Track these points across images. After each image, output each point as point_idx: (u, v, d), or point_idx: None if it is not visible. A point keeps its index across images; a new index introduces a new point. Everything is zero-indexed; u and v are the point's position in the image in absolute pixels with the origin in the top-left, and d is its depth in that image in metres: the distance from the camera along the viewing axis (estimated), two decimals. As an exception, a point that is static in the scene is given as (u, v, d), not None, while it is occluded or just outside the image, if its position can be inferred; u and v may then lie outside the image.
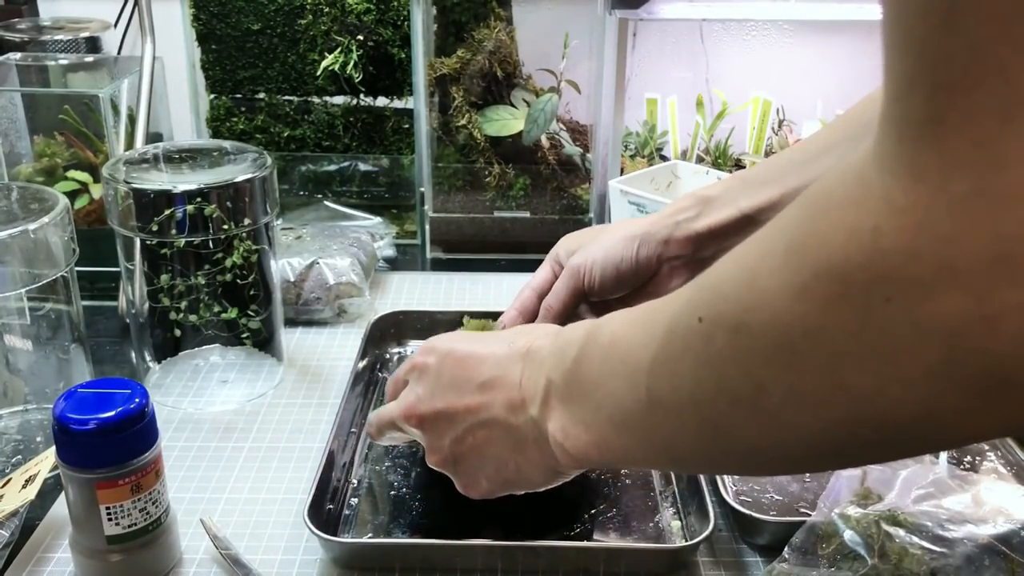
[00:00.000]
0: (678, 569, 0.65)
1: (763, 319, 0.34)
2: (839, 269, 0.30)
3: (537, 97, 1.13)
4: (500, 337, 0.58)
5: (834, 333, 0.31)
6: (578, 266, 0.70)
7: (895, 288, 0.29)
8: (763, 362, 0.34)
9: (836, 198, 0.31)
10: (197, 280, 0.84)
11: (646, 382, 0.42)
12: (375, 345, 0.91)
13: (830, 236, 0.31)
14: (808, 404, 0.33)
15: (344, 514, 0.70)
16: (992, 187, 0.26)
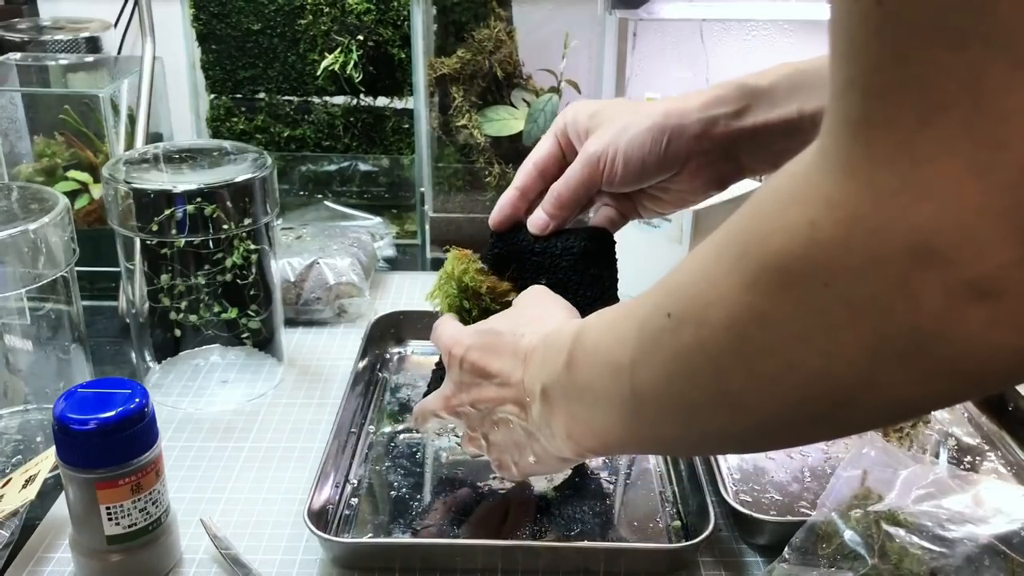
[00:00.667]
0: (678, 569, 0.65)
1: (721, 312, 0.37)
2: (782, 261, 0.33)
3: (537, 97, 1.13)
4: (512, 326, 0.59)
5: (781, 319, 0.34)
6: (597, 155, 0.62)
7: (831, 275, 0.32)
8: (723, 351, 0.38)
9: (781, 195, 0.34)
10: (197, 280, 0.84)
11: (629, 380, 0.45)
12: (375, 345, 0.92)
13: (775, 231, 0.34)
14: (765, 386, 0.37)
15: (344, 514, 0.70)
16: (910, 183, 0.29)
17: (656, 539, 0.68)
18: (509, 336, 0.58)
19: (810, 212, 0.32)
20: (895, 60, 0.28)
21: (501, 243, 0.67)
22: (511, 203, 0.67)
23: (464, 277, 0.66)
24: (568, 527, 0.69)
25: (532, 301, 0.62)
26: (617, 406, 0.47)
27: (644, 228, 0.99)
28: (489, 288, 0.66)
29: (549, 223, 0.65)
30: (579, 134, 0.64)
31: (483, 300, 0.66)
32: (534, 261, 0.66)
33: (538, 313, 0.60)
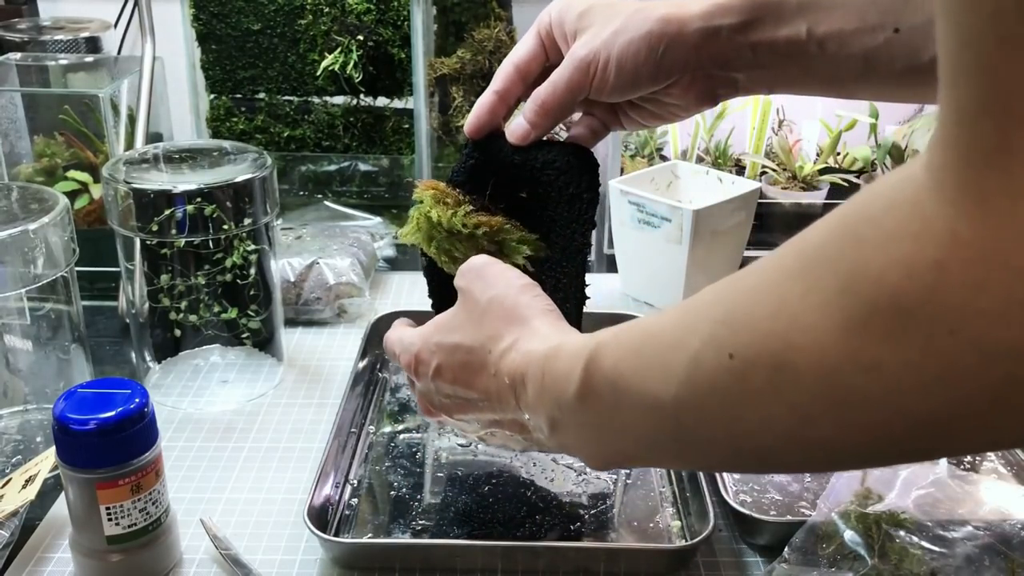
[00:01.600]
0: (678, 569, 0.65)
1: (810, 356, 0.33)
2: (899, 304, 0.30)
3: (537, 97, 1.13)
4: (479, 338, 0.53)
5: (893, 366, 0.31)
6: (587, 60, 0.57)
7: (961, 320, 0.29)
8: (811, 398, 0.34)
9: (889, 230, 0.30)
10: (197, 280, 0.84)
11: (673, 418, 0.41)
12: (375, 345, 0.91)
13: (887, 271, 0.30)
14: (863, 431, 0.33)
15: (344, 514, 0.70)
16: None
17: (656, 539, 0.68)
18: (481, 353, 0.53)
19: (932, 250, 0.29)
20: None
21: (477, 153, 0.62)
22: (489, 108, 0.61)
23: (454, 221, 0.61)
24: (568, 527, 0.69)
25: (489, 296, 0.54)
26: (652, 439, 0.44)
27: (644, 228, 0.99)
28: (485, 231, 0.61)
29: (530, 132, 0.60)
30: (566, 35, 0.58)
31: (479, 242, 0.61)
32: (512, 174, 0.62)
33: (504, 318, 0.53)
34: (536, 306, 0.53)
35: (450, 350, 0.54)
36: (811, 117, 1.23)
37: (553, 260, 0.62)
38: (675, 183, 1.08)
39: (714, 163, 1.20)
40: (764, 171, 1.21)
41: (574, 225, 0.60)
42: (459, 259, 0.61)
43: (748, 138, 1.22)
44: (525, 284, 0.54)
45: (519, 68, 0.60)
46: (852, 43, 0.52)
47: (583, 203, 0.60)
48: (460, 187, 0.63)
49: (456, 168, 0.64)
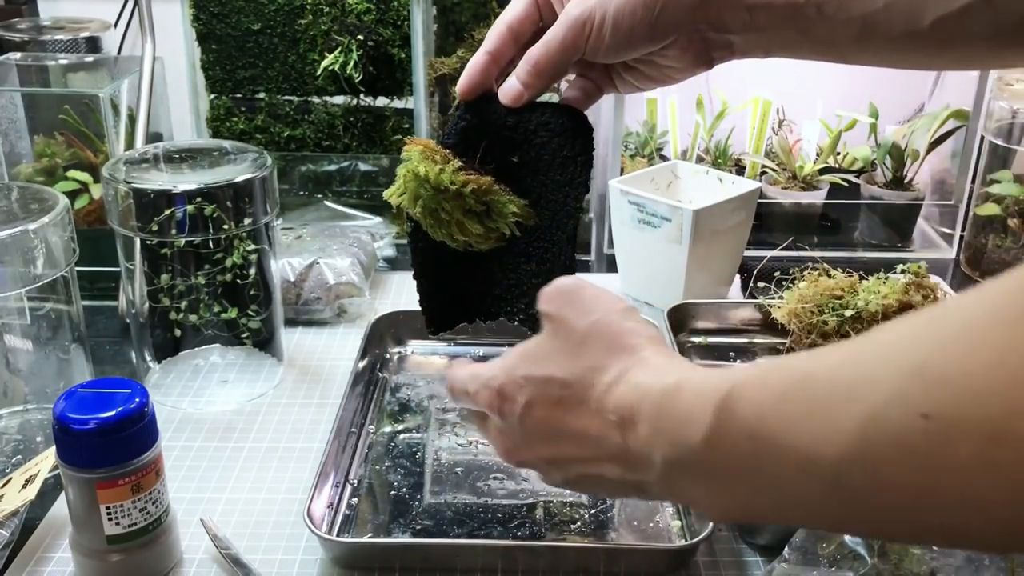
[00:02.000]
0: (678, 569, 0.65)
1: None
2: None
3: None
4: (577, 372, 0.48)
5: None
6: (582, 19, 0.55)
7: None
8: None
9: None
10: (197, 280, 0.84)
11: (832, 479, 0.34)
12: (375, 345, 0.91)
13: None
14: None
15: (344, 514, 0.70)
16: None
17: (656, 539, 0.68)
18: (580, 387, 0.47)
19: None
20: None
21: (469, 114, 0.61)
22: (481, 68, 0.59)
23: (441, 177, 0.58)
24: (568, 527, 0.69)
25: (588, 323, 0.49)
26: (802, 501, 0.37)
27: (644, 228, 0.99)
28: (473, 189, 0.59)
29: (523, 93, 0.58)
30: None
31: (466, 201, 0.59)
32: (505, 136, 0.60)
33: (607, 347, 0.48)
34: (644, 333, 0.49)
35: (541, 383, 0.49)
36: (811, 117, 1.23)
37: (543, 228, 0.60)
38: (675, 183, 1.08)
39: (714, 163, 1.20)
40: (764, 171, 1.21)
41: (566, 189, 0.59)
42: (444, 220, 0.60)
43: (748, 138, 1.22)
44: (627, 308, 0.50)
45: (512, 28, 0.59)
46: (850, 6, 0.51)
47: (576, 166, 0.59)
48: (451, 149, 0.61)
49: (447, 131, 0.62)
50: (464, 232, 0.61)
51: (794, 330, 0.86)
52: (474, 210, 0.60)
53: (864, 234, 1.22)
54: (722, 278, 1.03)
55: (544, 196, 0.60)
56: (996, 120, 1.11)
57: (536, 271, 0.61)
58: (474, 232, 0.61)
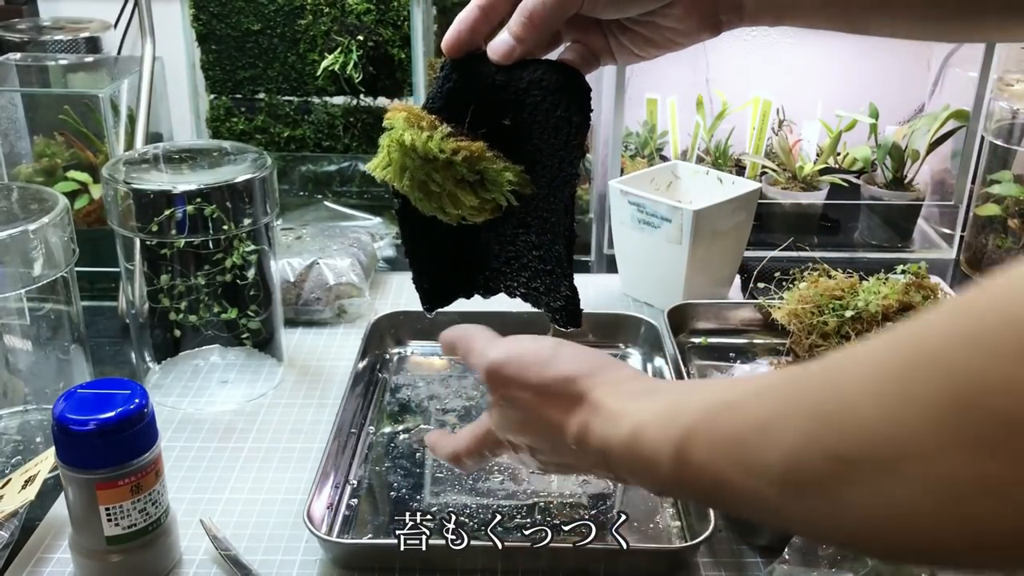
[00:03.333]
0: (678, 570, 0.65)
1: (922, 469, 0.30)
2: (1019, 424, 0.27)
3: (537, 97, 1.12)
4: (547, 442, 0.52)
5: (1018, 489, 0.28)
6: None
7: None
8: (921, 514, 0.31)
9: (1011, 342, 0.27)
10: (197, 280, 0.84)
11: (776, 508, 0.38)
12: (375, 346, 0.91)
13: (1009, 388, 0.27)
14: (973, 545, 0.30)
15: (344, 515, 0.70)
16: None
17: (656, 540, 0.68)
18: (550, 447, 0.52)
19: None
20: None
21: (456, 74, 0.56)
22: (470, 24, 0.55)
23: (429, 145, 0.54)
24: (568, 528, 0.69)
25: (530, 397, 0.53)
26: (764, 517, 0.44)
27: (644, 228, 0.99)
28: (465, 156, 0.55)
29: (516, 48, 0.54)
30: None
31: (457, 170, 0.55)
32: (494, 98, 0.56)
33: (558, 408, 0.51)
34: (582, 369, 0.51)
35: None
36: (811, 117, 1.23)
37: (539, 196, 0.56)
38: (675, 183, 1.08)
39: (714, 163, 1.20)
40: (764, 171, 1.21)
41: (561, 153, 0.54)
42: (435, 193, 0.56)
43: (748, 138, 1.22)
44: (553, 348, 0.53)
45: None
46: None
47: (571, 127, 0.54)
48: (437, 114, 0.56)
49: (432, 93, 0.57)
50: (457, 204, 0.56)
51: (794, 331, 0.86)
52: (467, 180, 0.55)
53: (864, 234, 1.22)
54: (722, 278, 1.03)
55: (539, 161, 0.56)
56: (996, 120, 1.11)
57: (536, 243, 0.57)
58: (468, 204, 0.56)
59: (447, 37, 0.56)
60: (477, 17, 0.55)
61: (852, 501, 0.33)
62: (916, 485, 0.30)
